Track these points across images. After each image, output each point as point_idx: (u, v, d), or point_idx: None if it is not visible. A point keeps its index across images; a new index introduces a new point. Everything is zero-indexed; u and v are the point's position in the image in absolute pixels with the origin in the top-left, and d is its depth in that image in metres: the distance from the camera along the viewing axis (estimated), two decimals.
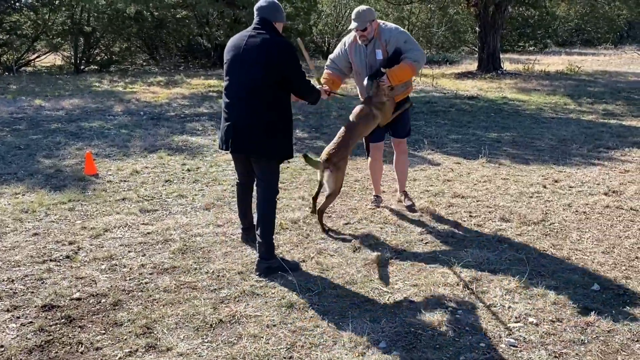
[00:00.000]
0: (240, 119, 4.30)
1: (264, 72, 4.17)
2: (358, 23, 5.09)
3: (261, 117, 4.25)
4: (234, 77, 4.33)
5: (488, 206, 5.91)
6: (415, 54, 5.17)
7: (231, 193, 6.28)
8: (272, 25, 4.31)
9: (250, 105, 4.25)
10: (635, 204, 5.91)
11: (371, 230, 5.20)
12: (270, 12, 4.33)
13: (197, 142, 8.90)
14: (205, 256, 4.65)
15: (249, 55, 4.22)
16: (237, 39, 4.38)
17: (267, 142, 4.29)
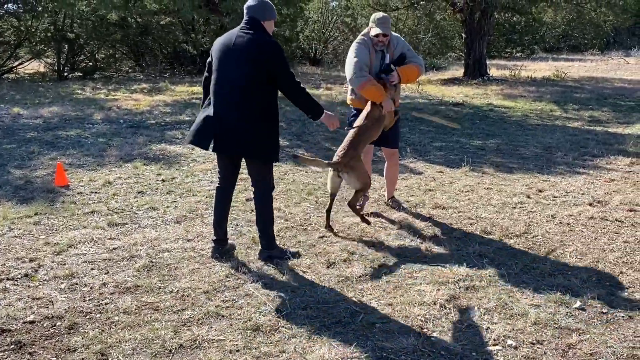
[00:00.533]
0: (228, 119, 4.31)
1: (251, 71, 4.18)
2: (384, 29, 5.28)
3: (249, 118, 4.27)
4: (222, 76, 4.32)
5: (470, 218, 5.72)
6: (419, 60, 5.52)
7: (205, 205, 6.07)
8: (261, 24, 4.28)
9: (238, 105, 4.27)
10: (620, 215, 5.74)
11: (347, 244, 4.99)
12: (259, 10, 4.29)
13: (174, 151, 8.67)
14: (171, 274, 4.42)
15: (236, 55, 4.22)
16: (225, 37, 4.37)
17: (256, 143, 4.33)
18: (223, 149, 4.46)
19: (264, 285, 4.21)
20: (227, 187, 4.74)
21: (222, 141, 4.39)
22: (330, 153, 8.56)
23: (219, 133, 4.36)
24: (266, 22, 4.32)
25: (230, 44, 4.29)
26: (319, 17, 27.41)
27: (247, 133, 4.30)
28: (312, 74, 22.28)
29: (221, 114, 4.35)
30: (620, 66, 25.44)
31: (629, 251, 4.86)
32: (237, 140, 4.34)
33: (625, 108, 13.26)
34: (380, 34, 5.30)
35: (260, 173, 4.55)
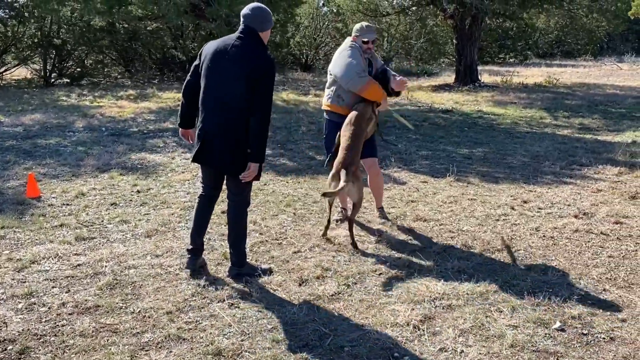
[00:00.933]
0: (214, 132, 4.15)
1: (242, 87, 4.00)
2: (374, 35, 5.40)
3: (236, 134, 4.10)
4: (212, 86, 4.15)
5: (451, 231, 5.54)
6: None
7: (178, 217, 5.87)
8: (258, 35, 4.09)
9: (226, 119, 4.10)
10: (606, 228, 5.57)
11: (322, 260, 4.80)
12: (257, 20, 4.10)
13: (154, 161, 8.47)
14: (135, 292, 4.22)
15: (230, 67, 4.04)
16: (220, 44, 4.16)
17: (239, 161, 4.15)
18: (204, 161, 4.31)
19: (231, 305, 4.02)
20: (211, 196, 4.56)
21: (204, 154, 4.25)
22: (314, 162, 8.40)
23: (202, 144, 4.22)
24: (263, 33, 4.14)
25: (225, 52, 4.09)
26: (310, 23, 27.27)
27: (231, 150, 4.14)
28: (302, 80, 22.15)
29: (206, 126, 4.20)
30: (613, 72, 25.39)
31: (613, 267, 4.68)
32: (220, 156, 4.19)
33: (616, 115, 13.13)
34: (371, 39, 5.37)
35: (239, 187, 4.35)
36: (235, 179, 4.27)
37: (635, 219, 5.83)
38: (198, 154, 4.28)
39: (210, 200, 4.59)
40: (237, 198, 4.40)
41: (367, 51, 5.43)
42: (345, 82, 5.29)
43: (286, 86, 19.37)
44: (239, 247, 4.45)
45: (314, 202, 6.47)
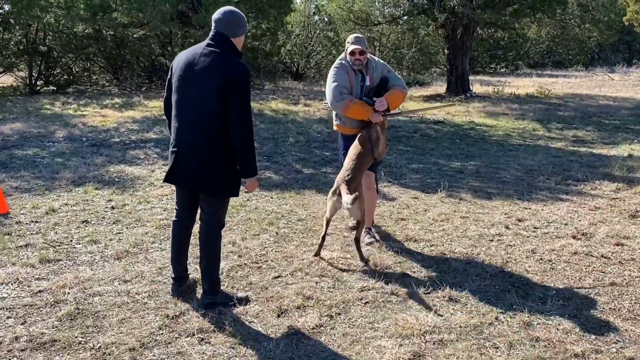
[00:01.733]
0: (186, 150, 3.85)
1: (213, 100, 3.68)
2: (360, 45, 5.16)
3: (209, 150, 3.79)
4: (182, 101, 3.84)
5: (443, 253, 5.21)
6: (401, 82, 5.35)
7: (152, 237, 5.51)
8: (230, 41, 3.80)
9: (199, 136, 3.79)
10: (607, 250, 5.25)
11: (304, 287, 4.45)
12: (229, 25, 3.81)
13: (132, 174, 8.10)
14: (97, 324, 3.85)
15: (200, 79, 3.73)
16: (188, 54, 3.87)
17: (213, 178, 3.86)
18: (176, 180, 4.00)
19: (201, 340, 3.66)
20: (183, 220, 4.22)
21: (176, 173, 3.94)
22: (301, 176, 8.05)
23: (174, 162, 3.92)
24: (236, 39, 3.84)
25: (194, 63, 3.78)
26: (301, 31, 27.00)
27: (203, 167, 3.83)
28: (293, 89, 21.83)
29: (178, 144, 3.90)
30: (604, 83, 25.24)
31: (616, 295, 4.36)
32: (193, 175, 3.88)
33: (610, 127, 12.88)
34: (356, 50, 5.15)
35: (212, 207, 4.02)
36: (208, 198, 3.99)
37: (637, 240, 5.52)
38: (170, 173, 3.97)
39: (184, 225, 4.25)
40: (209, 219, 4.04)
41: (356, 63, 5.21)
42: (330, 105, 5.33)
43: (276, 95, 19.06)
44: (211, 274, 4.09)
45: (298, 220, 6.13)
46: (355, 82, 5.27)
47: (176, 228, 4.25)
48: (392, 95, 5.22)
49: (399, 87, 5.28)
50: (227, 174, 3.88)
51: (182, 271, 4.29)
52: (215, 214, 4.04)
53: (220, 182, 3.89)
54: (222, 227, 4.13)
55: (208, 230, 4.06)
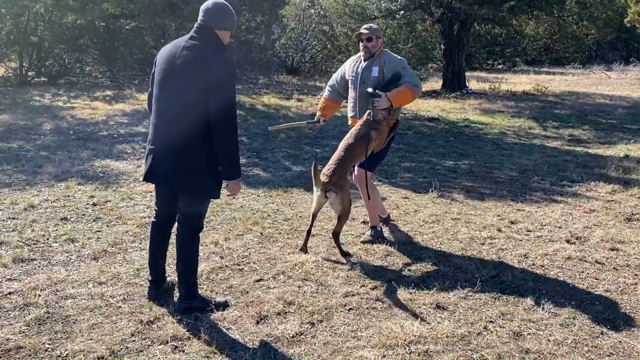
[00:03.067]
0: (165, 147, 3.67)
1: (197, 96, 3.50)
2: (368, 32, 5.18)
3: (189, 149, 3.62)
4: (163, 95, 3.66)
5: (432, 257, 5.03)
6: (415, 80, 5.14)
7: (132, 236, 5.32)
8: (214, 34, 3.61)
9: (178, 133, 3.60)
10: (601, 256, 5.08)
11: (286, 291, 4.27)
12: (214, 17, 3.61)
13: (118, 169, 7.90)
14: (67, 329, 3.67)
15: (181, 73, 3.55)
16: (171, 48, 3.69)
17: (189, 178, 3.68)
18: (153, 178, 3.82)
19: (175, 348, 3.48)
20: (162, 221, 4.04)
21: (154, 170, 3.77)
22: (289, 173, 7.87)
23: (152, 160, 3.74)
24: (222, 32, 3.65)
25: (175, 57, 3.60)
26: (296, 25, 26.72)
27: (180, 166, 3.66)
28: (287, 84, 21.59)
29: (157, 141, 3.72)
30: (601, 81, 25.08)
31: (610, 304, 4.19)
32: (168, 172, 3.72)
33: (607, 126, 12.71)
34: (362, 35, 5.19)
35: (189, 207, 3.82)
36: (185, 198, 3.81)
37: (632, 245, 5.36)
38: (149, 171, 3.79)
39: (162, 226, 4.07)
40: (186, 220, 3.84)
41: (364, 50, 5.25)
42: None
43: (269, 89, 18.84)
44: (187, 278, 3.88)
45: (284, 219, 5.95)
46: (354, 70, 5.31)
47: (154, 229, 4.07)
48: (398, 93, 5.04)
49: (409, 84, 5.07)
50: (205, 174, 3.70)
51: (160, 274, 4.12)
52: (193, 215, 3.84)
53: (197, 182, 3.71)
54: (200, 229, 3.92)
55: (184, 232, 3.86)
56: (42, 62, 21.56)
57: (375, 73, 5.17)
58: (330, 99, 5.63)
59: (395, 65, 5.17)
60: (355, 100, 5.32)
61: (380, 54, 5.24)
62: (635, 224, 5.97)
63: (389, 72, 5.15)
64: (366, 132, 5.01)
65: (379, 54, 5.23)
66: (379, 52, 5.24)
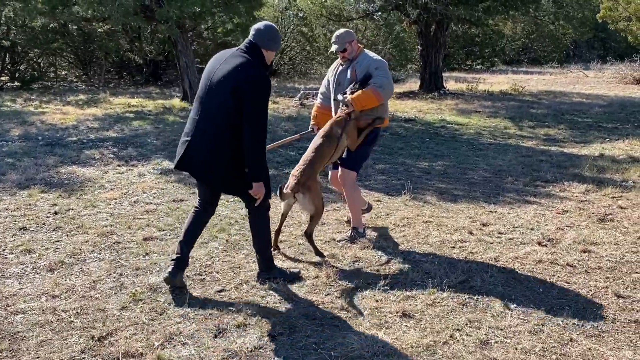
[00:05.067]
0: (198, 139, 4.08)
1: (231, 100, 3.90)
2: (337, 45, 5.16)
3: (217, 144, 4.01)
4: (205, 94, 4.10)
5: (401, 262, 4.91)
6: (382, 80, 5.04)
7: (91, 246, 5.14)
8: (260, 51, 4.06)
9: (211, 128, 4.03)
10: (573, 258, 4.99)
11: (248, 302, 4.12)
12: (264, 37, 4.08)
13: (83, 175, 7.70)
14: (14, 347, 3.49)
15: (221, 78, 3.97)
16: (221, 54, 4.18)
17: (214, 172, 4.12)
18: (184, 168, 4.26)
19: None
20: (203, 211, 4.40)
21: (184, 161, 4.18)
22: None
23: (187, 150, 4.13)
24: (268, 51, 4.10)
25: (221, 62, 4.05)
26: None
27: (209, 160, 4.07)
28: None
29: (191, 133, 4.12)
30: (579, 80, 25.20)
31: (580, 308, 4.09)
32: (199, 164, 4.13)
33: (583, 125, 12.70)
34: (336, 51, 5.21)
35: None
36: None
37: (605, 247, 5.27)
38: (179, 161, 4.19)
39: (202, 216, 4.40)
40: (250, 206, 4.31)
41: (343, 60, 5.28)
42: None
43: None
44: (264, 253, 4.41)
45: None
46: (333, 73, 5.40)
47: (194, 216, 4.37)
48: (360, 95, 5.01)
49: (374, 85, 5.02)
50: (222, 169, 4.07)
51: (186, 254, 4.28)
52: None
53: (219, 178, 4.13)
54: (268, 208, 4.38)
55: (254, 214, 4.36)
56: (16, 67, 21.22)
57: (348, 75, 5.20)
58: (322, 107, 5.61)
59: (369, 64, 5.12)
60: (334, 103, 5.37)
61: (358, 55, 5.23)
62: (608, 225, 5.90)
63: (361, 72, 5.12)
64: (331, 131, 5.01)
65: (356, 56, 5.23)
66: (357, 54, 5.24)
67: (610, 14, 19.82)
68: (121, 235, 5.42)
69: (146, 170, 8.10)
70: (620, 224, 5.93)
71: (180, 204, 6.45)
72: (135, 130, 11.39)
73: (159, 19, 12.80)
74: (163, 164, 8.48)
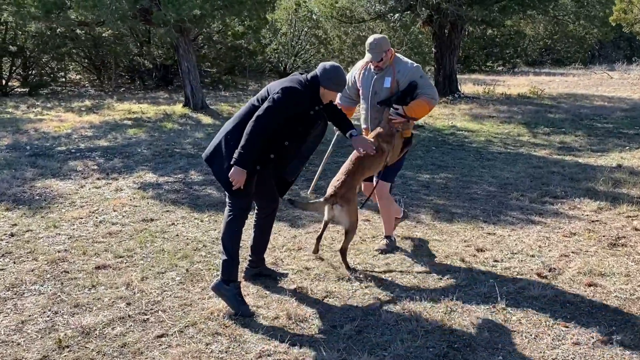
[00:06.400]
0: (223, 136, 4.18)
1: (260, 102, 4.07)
2: (373, 55, 4.88)
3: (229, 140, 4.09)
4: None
5: (377, 298, 4.31)
6: (432, 90, 4.95)
7: (36, 276, 4.65)
8: (317, 85, 4.13)
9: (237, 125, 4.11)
10: (575, 293, 4.35)
11: (190, 350, 3.57)
12: (326, 75, 4.16)
13: (57, 190, 7.24)
14: None
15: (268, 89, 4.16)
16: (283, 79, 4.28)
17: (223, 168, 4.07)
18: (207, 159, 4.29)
19: None
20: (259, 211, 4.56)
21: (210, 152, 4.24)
22: None
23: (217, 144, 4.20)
24: (325, 89, 4.16)
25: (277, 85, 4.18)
26: (287, 29, 26.06)
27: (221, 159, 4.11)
28: None
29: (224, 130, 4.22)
30: (603, 81, 24.29)
31: None
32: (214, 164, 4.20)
33: (602, 132, 11.94)
34: (371, 60, 4.94)
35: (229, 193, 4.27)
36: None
37: (614, 279, 4.62)
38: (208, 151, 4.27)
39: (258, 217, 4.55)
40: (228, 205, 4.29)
41: (377, 69, 5.00)
42: None
43: None
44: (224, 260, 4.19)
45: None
46: (365, 80, 5.09)
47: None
48: (415, 106, 4.86)
49: (426, 96, 4.87)
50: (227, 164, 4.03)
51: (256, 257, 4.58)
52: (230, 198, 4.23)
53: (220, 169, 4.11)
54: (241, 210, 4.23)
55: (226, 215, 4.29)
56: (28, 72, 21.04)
57: (387, 84, 4.97)
58: (344, 108, 5.23)
59: (412, 74, 4.92)
60: (367, 112, 5.15)
61: (393, 63, 4.98)
62: (620, 251, 5.24)
63: (405, 81, 4.90)
64: (381, 146, 4.83)
65: (391, 63, 4.97)
66: (390, 61, 4.97)
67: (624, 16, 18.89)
68: (72, 263, 4.92)
69: (126, 184, 7.61)
70: (633, 249, 5.27)
71: (149, 224, 5.94)
72: (128, 139, 10.95)
73: (155, 22, 12.35)
74: (146, 177, 8.00)
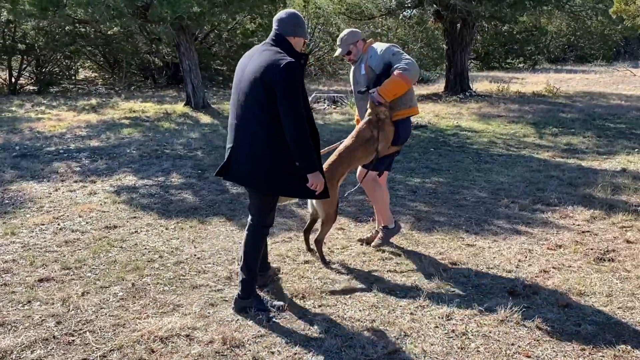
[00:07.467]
0: (238, 144, 3.93)
1: (262, 95, 3.73)
2: (340, 49, 5.02)
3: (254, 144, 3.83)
4: (237, 97, 3.93)
5: (325, 323, 3.96)
6: (403, 62, 4.75)
7: None
8: (286, 40, 3.88)
9: (247, 129, 3.85)
10: (546, 317, 3.95)
11: None
12: (286, 25, 3.91)
13: (31, 193, 7.03)
14: None
15: (251, 73, 3.80)
16: (249, 53, 4.01)
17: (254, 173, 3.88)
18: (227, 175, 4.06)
19: None
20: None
21: (229, 168, 4.01)
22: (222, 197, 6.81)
23: (230, 158, 3.98)
24: (295, 38, 3.91)
25: (249, 60, 3.88)
26: None
27: (249, 162, 3.87)
28: None
29: (233, 138, 3.96)
30: (625, 79, 23.49)
31: None
32: (239, 168, 3.95)
33: (613, 133, 11.38)
34: (340, 54, 5.06)
35: (257, 205, 4.05)
36: (255, 196, 4.04)
37: (593, 299, 4.21)
38: (223, 168, 4.03)
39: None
40: (253, 219, 4.07)
41: (351, 62, 5.14)
42: None
43: None
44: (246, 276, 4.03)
45: (175, 262, 4.95)
46: (351, 73, 5.22)
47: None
48: (387, 84, 4.73)
49: (398, 69, 4.70)
50: (268, 170, 3.82)
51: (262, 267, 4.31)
52: (258, 213, 4.03)
53: (259, 178, 3.86)
54: (267, 226, 4.10)
55: (249, 230, 4.07)
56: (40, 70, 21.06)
57: (363, 71, 4.99)
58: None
59: (383, 54, 4.86)
60: (356, 103, 5.29)
61: (367, 50, 5.00)
62: (606, 266, 4.82)
63: (379, 64, 4.86)
64: (371, 135, 4.80)
65: (365, 52, 5.01)
66: (364, 50, 5.01)
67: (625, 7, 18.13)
68: (16, 275, 4.66)
69: (102, 187, 7.37)
70: (621, 265, 4.85)
71: (110, 232, 5.68)
72: (121, 139, 10.75)
73: (151, 19, 12.13)
74: (125, 180, 7.76)
